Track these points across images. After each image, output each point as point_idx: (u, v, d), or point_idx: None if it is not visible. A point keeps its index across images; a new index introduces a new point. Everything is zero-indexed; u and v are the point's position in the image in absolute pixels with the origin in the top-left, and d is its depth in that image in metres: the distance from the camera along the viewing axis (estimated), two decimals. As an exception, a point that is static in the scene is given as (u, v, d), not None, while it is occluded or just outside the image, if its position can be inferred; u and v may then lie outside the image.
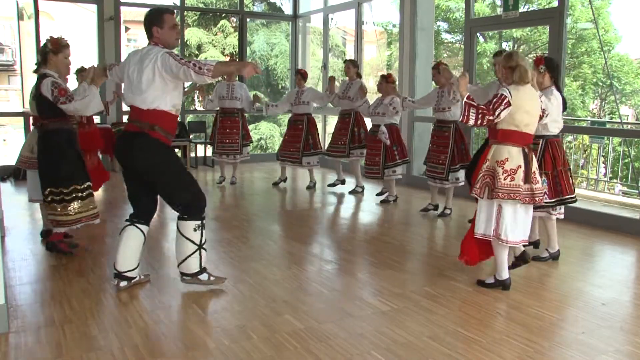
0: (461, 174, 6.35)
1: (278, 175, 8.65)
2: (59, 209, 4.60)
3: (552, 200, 4.68)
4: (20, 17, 8.84)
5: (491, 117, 3.89)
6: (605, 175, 10.30)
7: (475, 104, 3.91)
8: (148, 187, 4.00)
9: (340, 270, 4.65)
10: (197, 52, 17.90)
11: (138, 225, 4.02)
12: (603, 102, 19.47)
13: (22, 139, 9.21)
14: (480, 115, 3.89)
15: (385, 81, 7.01)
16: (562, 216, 4.86)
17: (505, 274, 4.12)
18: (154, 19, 3.82)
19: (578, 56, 18.14)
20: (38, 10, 7.96)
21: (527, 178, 3.95)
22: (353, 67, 7.76)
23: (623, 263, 5.09)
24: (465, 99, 3.92)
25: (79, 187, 4.66)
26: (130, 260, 4.03)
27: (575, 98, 17.73)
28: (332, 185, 8.24)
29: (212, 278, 4.09)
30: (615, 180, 10.48)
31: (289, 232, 5.99)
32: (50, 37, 4.64)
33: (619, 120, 10.72)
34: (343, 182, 8.23)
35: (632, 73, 18.58)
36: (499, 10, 7.72)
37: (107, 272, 4.41)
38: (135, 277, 4.09)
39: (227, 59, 18.02)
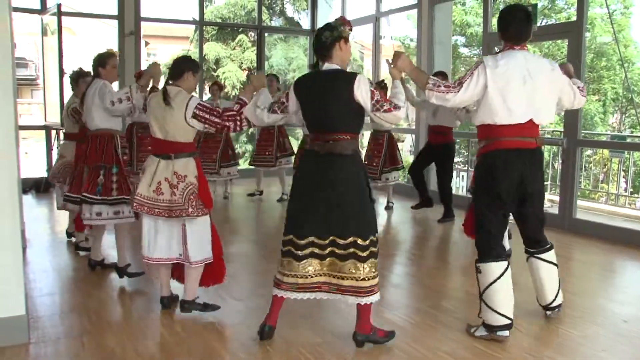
0: (391, 175, 7.39)
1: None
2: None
3: None
4: (44, 32, 9.00)
5: None
6: (625, 190, 10.18)
7: None
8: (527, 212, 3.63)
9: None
10: (214, 66, 18.09)
11: (538, 256, 3.73)
12: (623, 116, 19.26)
13: (43, 152, 9.36)
14: None
15: None
16: None
17: None
18: None
19: (597, 70, 17.98)
20: (61, 26, 8.09)
21: None
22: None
23: (645, 279, 5.00)
24: None
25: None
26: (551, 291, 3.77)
27: (594, 114, 17.55)
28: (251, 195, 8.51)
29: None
30: (636, 195, 10.36)
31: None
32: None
33: (640, 135, 10.60)
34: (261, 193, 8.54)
35: (653, 87, 18.37)
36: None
37: (125, 284, 4.44)
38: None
39: (245, 73, 18.23)
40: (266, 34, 11.77)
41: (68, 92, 8.45)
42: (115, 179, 4.38)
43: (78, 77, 5.31)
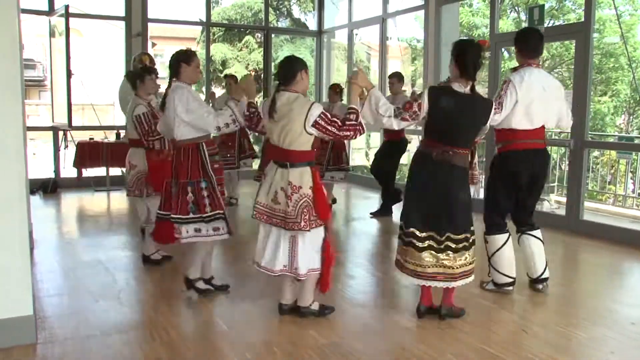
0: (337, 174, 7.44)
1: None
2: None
3: None
4: (51, 34, 9.04)
5: None
6: (633, 191, 10.12)
7: None
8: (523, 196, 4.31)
9: (364, 287, 4.64)
10: (221, 67, 18.11)
11: (529, 233, 4.35)
12: (631, 117, 19.17)
13: (51, 153, 9.41)
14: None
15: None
16: None
17: None
18: None
19: (606, 72, 17.91)
20: (69, 28, 8.13)
21: None
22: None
23: (653, 281, 4.98)
24: None
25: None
26: (541, 263, 4.36)
27: (606, 114, 17.48)
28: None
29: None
30: (644, 197, 10.28)
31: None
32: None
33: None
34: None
35: (662, 88, 18.24)
36: (524, 26, 7.68)
37: (131, 285, 4.45)
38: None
39: (253, 74, 18.26)
40: (273, 35, 11.78)
41: (75, 93, 8.54)
42: (206, 194, 3.98)
43: (145, 74, 4.80)
